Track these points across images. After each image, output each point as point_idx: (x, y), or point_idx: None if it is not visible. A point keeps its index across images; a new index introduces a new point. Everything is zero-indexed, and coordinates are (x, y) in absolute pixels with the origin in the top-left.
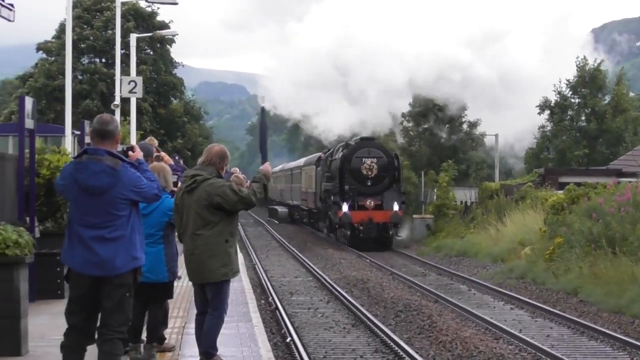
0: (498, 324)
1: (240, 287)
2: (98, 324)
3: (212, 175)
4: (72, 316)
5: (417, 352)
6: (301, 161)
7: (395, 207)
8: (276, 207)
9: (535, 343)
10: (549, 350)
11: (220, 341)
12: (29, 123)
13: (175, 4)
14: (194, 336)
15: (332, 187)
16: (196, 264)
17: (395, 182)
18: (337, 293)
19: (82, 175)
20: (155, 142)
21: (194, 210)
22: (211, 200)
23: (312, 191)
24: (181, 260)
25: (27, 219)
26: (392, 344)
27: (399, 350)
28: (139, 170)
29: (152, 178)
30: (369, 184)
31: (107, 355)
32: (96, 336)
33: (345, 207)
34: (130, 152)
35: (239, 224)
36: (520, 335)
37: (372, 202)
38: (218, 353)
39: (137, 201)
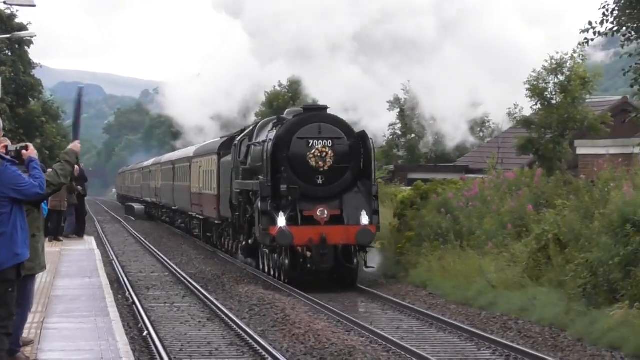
0: (349, 317)
1: (98, 283)
2: None
3: None
4: None
5: (270, 345)
6: (190, 150)
7: (364, 220)
8: (132, 204)
9: (386, 335)
10: (399, 341)
11: (79, 335)
12: None
13: (33, 5)
14: (53, 330)
15: (260, 187)
16: None
17: (362, 178)
18: (192, 288)
19: None
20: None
21: None
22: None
23: (212, 193)
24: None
25: None
26: (246, 336)
27: (253, 343)
28: (29, 168)
29: (37, 176)
30: (320, 181)
31: None
32: None
33: (282, 221)
34: (23, 151)
35: (95, 220)
36: (371, 327)
37: (326, 212)
38: (21, 349)
39: (18, 199)
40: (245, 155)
